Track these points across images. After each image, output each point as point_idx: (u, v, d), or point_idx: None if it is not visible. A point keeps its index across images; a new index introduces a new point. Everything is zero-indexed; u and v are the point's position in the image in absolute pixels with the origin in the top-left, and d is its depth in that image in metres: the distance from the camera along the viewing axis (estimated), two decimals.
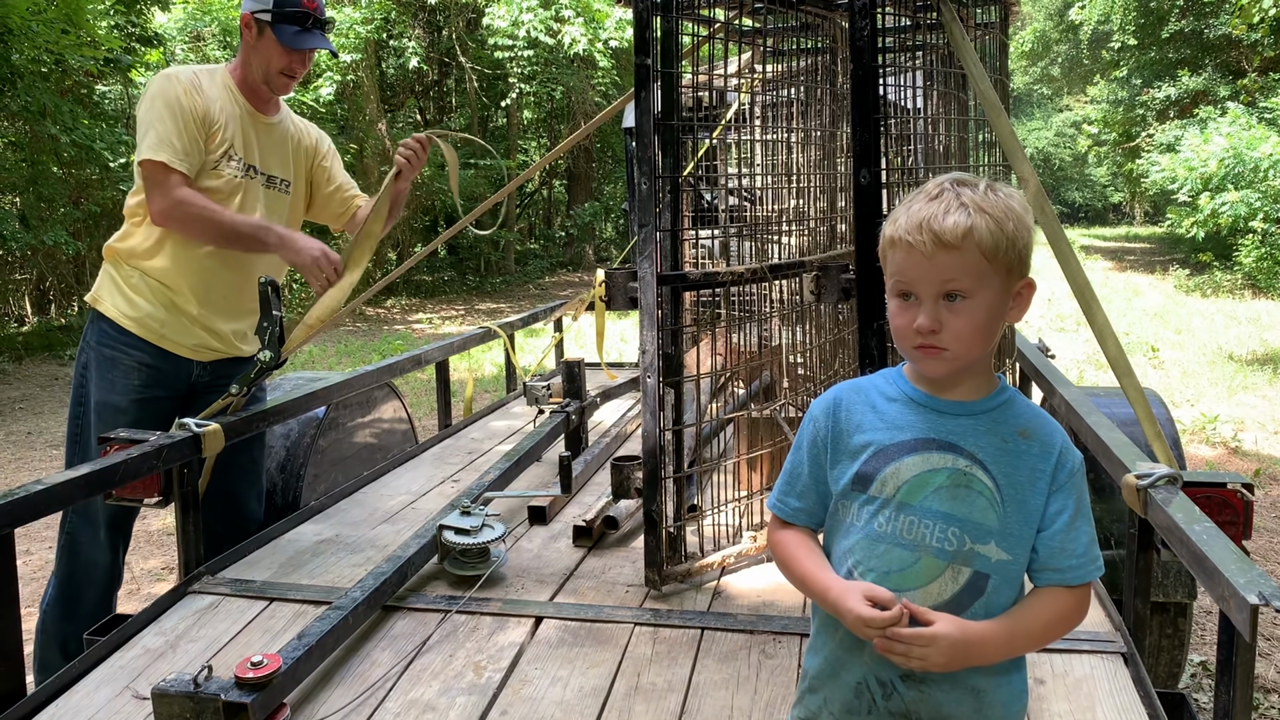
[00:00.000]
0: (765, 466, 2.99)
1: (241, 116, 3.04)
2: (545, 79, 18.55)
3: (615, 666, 2.23)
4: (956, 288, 1.32)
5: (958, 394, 1.40)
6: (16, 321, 13.55)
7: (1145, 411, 2.26)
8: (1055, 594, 1.38)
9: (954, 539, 1.35)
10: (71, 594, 3.01)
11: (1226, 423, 7.69)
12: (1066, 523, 1.36)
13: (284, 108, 3.23)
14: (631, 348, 10.95)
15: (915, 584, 1.36)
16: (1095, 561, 1.38)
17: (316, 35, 3.02)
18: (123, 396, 2.98)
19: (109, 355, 2.99)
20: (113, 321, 2.98)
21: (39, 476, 6.92)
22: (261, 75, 3.03)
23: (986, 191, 1.34)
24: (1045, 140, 40.80)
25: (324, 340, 13.05)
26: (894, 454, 1.39)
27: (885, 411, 1.42)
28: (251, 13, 2.97)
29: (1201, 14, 19.75)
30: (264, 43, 2.99)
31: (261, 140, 3.10)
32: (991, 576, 1.36)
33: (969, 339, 1.33)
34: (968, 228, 1.30)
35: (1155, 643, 3.26)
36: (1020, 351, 3.74)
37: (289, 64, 3.02)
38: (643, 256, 2.55)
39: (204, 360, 3.10)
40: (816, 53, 3.19)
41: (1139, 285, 17.79)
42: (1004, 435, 1.38)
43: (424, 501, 3.46)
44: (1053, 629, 1.39)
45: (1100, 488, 3.15)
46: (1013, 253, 1.32)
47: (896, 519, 1.38)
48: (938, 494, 1.36)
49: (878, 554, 1.39)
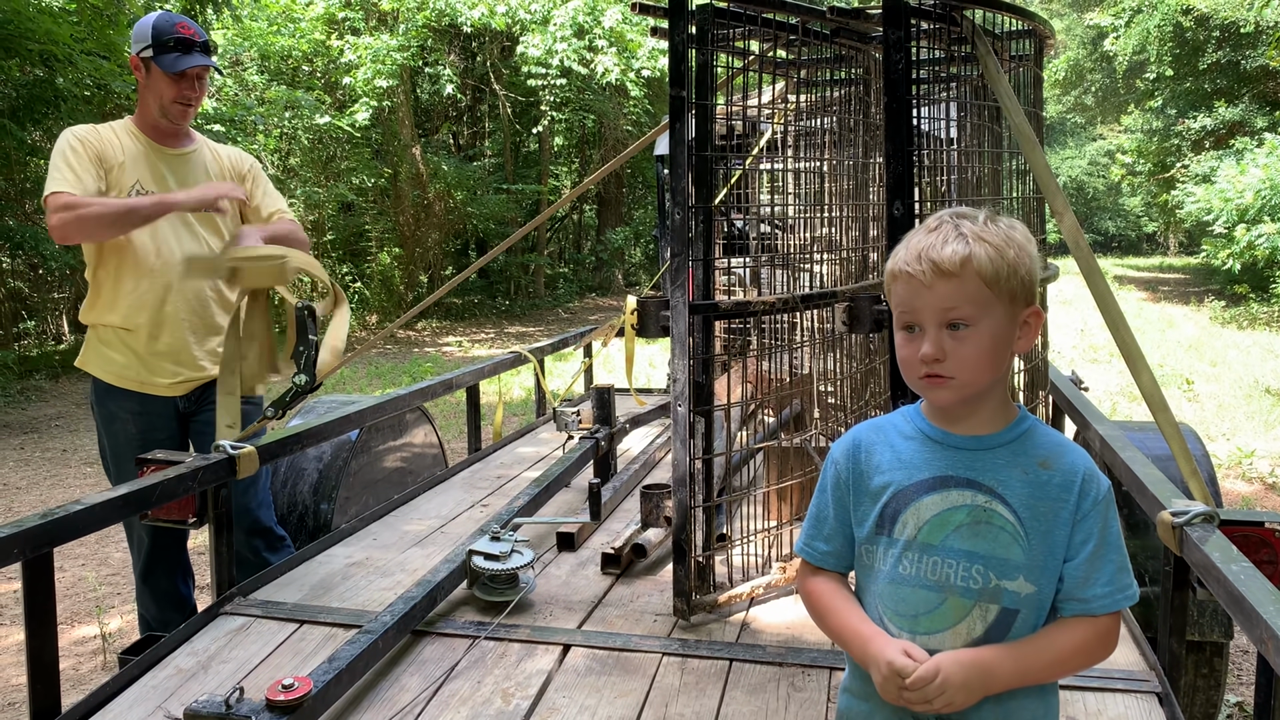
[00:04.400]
0: (795, 496, 2.98)
1: (147, 154, 3.17)
2: (578, 106, 18.71)
3: (643, 697, 2.22)
4: (958, 316, 1.32)
5: (974, 428, 1.39)
6: (54, 340, 13.76)
7: (1181, 447, 2.24)
8: (1078, 623, 1.36)
9: (979, 577, 1.34)
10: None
11: (1263, 458, 7.57)
12: (1091, 552, 1.34)
13: (197, 138, 3.35)
14: (659, 373, 10.95)
15: (943, 625, 1.36)
16: (1125, 590, 1.35)
17: (196, 55, 3.10)
18: (125, 446, 3.21)
19: (107, 412, 3.25)
20: (98, 380, 3.24)
21: (74, 493, 7.03)
22: (158, 110, 3.15)
23: (985, 222, 1.34)
24: (1079, 169, 40.55)
25: (355, 363, 13.16)
26: (913, 494, 1.39)
27: (902, 451, 1.42)
28: (137, 54, 3.11)
29: (1239, 45, 19.61)
30: (153, 78, 3.11)
31: (174, 170, 3.22)
32: (1020, 611, 1.35)
33: (974, 366, 1.33)
34: (966, 255, 1.31)
35: (1190, 682, 3.20)
36: (1053, 384, 3.71)
37: (179, 92, 3.12)
38: (675, 286, 2.56)
39: (183, 394, 3.27)
40: (850, 83, 3.21)
41: (1173, 317, 17.59)
42: (1024, 467, 1.36)
43: (453, 525, 3.47)
44: (1073, 659, 1.36)
45: (1135, 524, 3.12)
46: (1014, 280, 1.32)
47: (920, 561, 1.37)
48: (959, 532, 1.35)
49: (903, 597, 1.38)
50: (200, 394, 3.30)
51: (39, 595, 2.14)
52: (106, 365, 3.21)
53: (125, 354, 3.19)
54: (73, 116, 10.62)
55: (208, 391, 3.28)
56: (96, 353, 3.24)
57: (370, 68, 15.89)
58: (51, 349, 13.09)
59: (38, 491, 7.15)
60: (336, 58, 16.43)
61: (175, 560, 3.30)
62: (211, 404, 3.23)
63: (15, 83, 10.38)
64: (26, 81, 10.47)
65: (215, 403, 3.15)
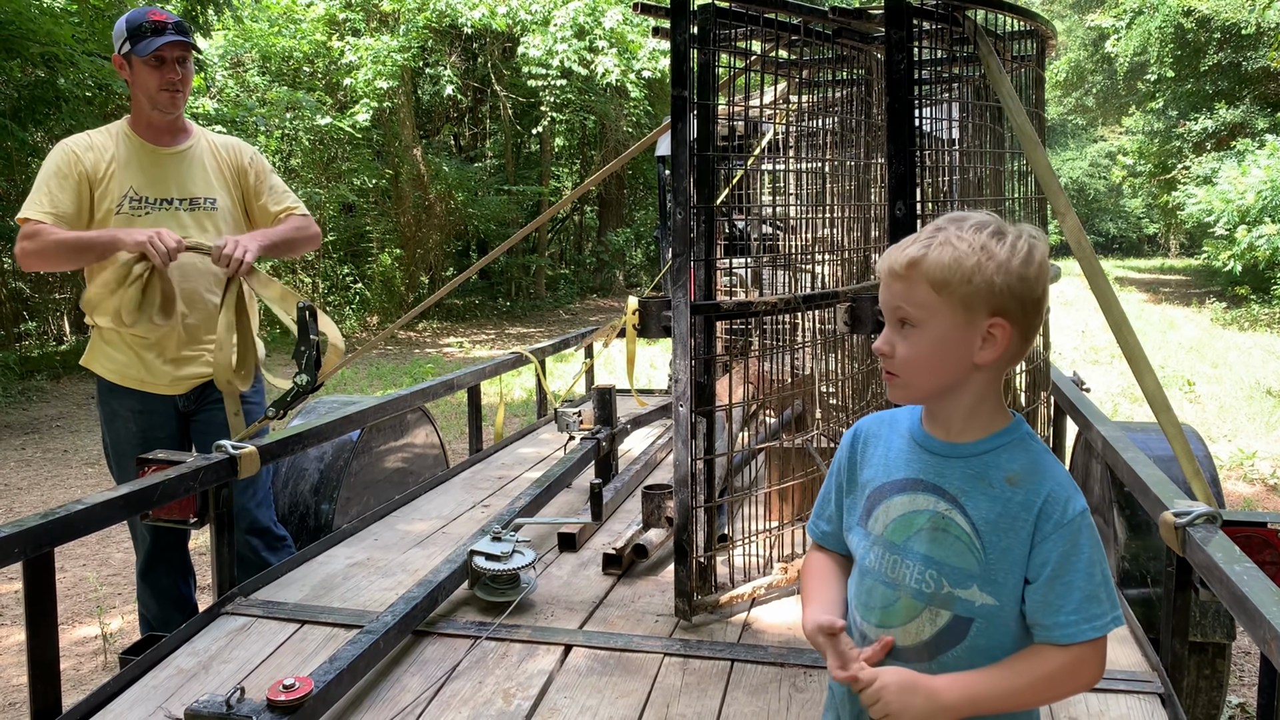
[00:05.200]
0: (796, 497, 2.98)
1: (140, 157, 3.17)
2: (579, 107, 18.71)
3: (644, 697, 2.22)
4: (904, 315, 1.35)
5: (953, 434, 1.39)
6: (55, 340, 13.76)
7: (1183, 448, 2.24)
8: (1044, 652, 1.32)
9: (931, 581, 1.35)
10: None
11: (1265, 459, 7.56)
12: (1050, 576, 1.30)
13: (195, 132, 3.32)
14: (660, 374, 10.95)
15: (896, 622, 1.38)
16: (1094, 620, 1.29)
17: (170, 33, 3.08)
18: (127, 444, 3.23)
19: (110, 410, 3.27)
20: (101, 378, 3.27)
21: (75, 493, 7.03)
22: (148, 103, 3.14)
23: (971, 229, 1.32)
24: (1079, 170, 40.55)
25: (356, 363, 13.16)
26: (887, 492, 1.42)
27: (892, 447, 1.45)
28: (119, 53, 3.12)
29: (1240, 47, 19.60)
30: (136, 72, 3.11)
31: (170, 169, 3.21)
32: (975, 621, 1.34)
33: (914, 368, 1.35)
34: (916, 258, 1.32)
35: (1193, 683, 3.20)
36: (1055, 385, 3.71)
37: (161, 77, 3.10)
38: (676, 286, 2.56)
39: (183, 392, 3.27)
40: (851, 84, 3.20)
41: (1174, 318, 17.58)
42: (991, 480, 1.35)
43: (455, 526, 3.47)
44: (1039, 689, 1.32)
45: (1137, 525, 3.11)
46: (967, 287, 1.29)
47: (884, 557, 1.40)
48: (919, 536, 1.37)
49: (867, 588, 1.43)
50: (200, 393, 3.31)
51: (39, 595, 2.14)
52: (108, 364, 3.23)
53: (126, 353, 3.20)
54: (74, 117, 10.63)
55: (207, 390, 3.29)
56: (99, 351, 3.26)
57: (371, 69, 15.89)
58: (53, 350, 13.09)
59: (39, 492, 7.15)
60: (337, 59, 16.42)
61: (176, 560, 3.31)
62: (211, 403, 3.26)
63: (17, 83, 10.39)
64: (28, 82, 10.48)
65: (215, 402, 3.18)
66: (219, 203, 3.29)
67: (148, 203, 3.15)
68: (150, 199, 3.16)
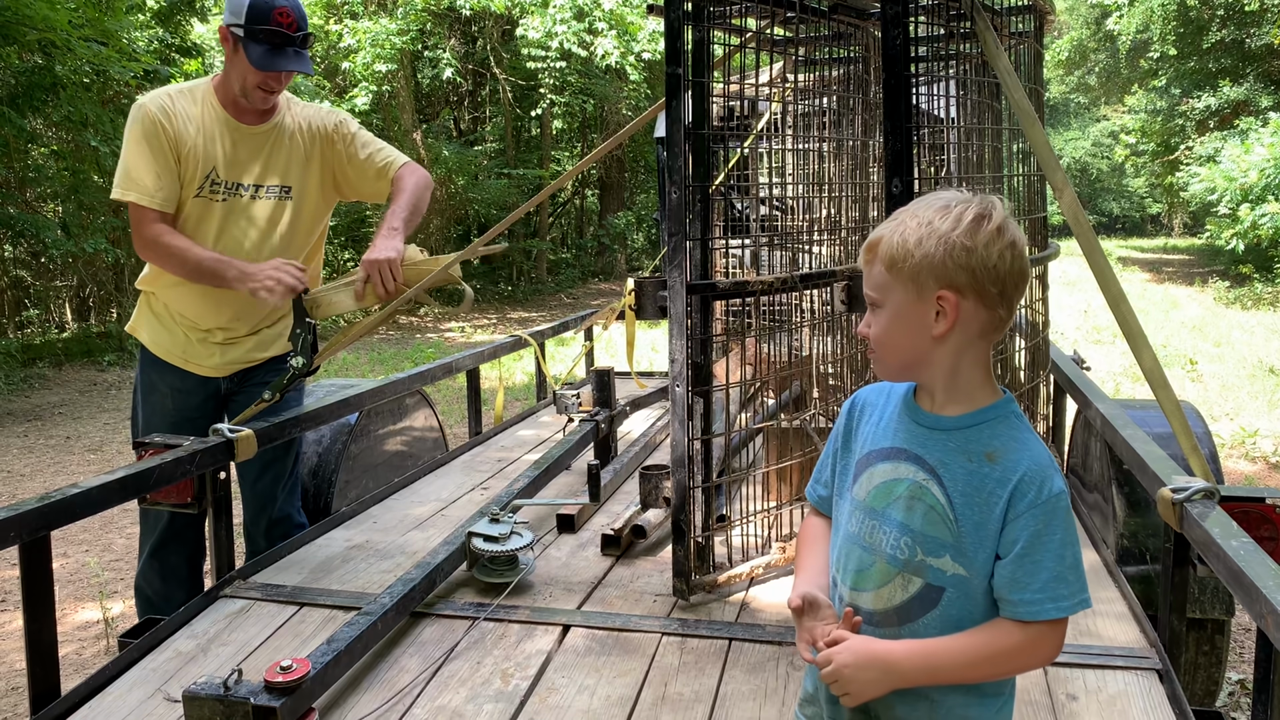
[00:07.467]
0: (794, 477, 2.98)
1: (223, 133, 2.99)
2: (578, 89, 18.63)
3: (642, 676, 2.22)
4: (869, 296, 1.41)
5: (939, 408, 1.41)
6: (57, 328, 13.76)
7: (1182, 425, 2.23)
8: (1003, 627, 1.34)
9: (905, 548, 1.38)
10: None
11: (1267, 437, 7.55)
12: (1019, 553, 1.31)
13: (280, 106, 3.09)
14: (662, 357, 10.94)
15: (870, 586, 1.42)
16: (1060, 601, 1.30)
17: (289, 56, 2.88)
18: (162, 419, 3.13)
19: (149, 381, 3.17)
20: (146, 349, 3.18)
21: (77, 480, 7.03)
22: (239, 88, 2.95)
23: (925, 206, 1.35)
24: (1082, 150, 40.38)
25: (356, 348, 13.16)
26: (874, 459, 1.45)
27: (885, 416, 1.48)
28: (227, 25, 2.88)
29: (1243, 24, 19.48)
30: (238, 59, 2.89)
31: (250, 152, 3.03)
32: (947, 590, 1.36)
33: (882, 344, 1.40)
34: (874, 241, 1.39)
35: (1192, 660, 3.20)
36: (1054, 363, 3.70)
37: (262, 79, 2.91)
38: (672, 265, 2.55)
39: (227, 374, 3.19)
40: (849, 62, 3.18)
41: (1177, 297, 17.54)
42: (970, 454, 1.36)
43: (454, 508, 3.47)
44: (994, 662, 1.34)
45: (1136, 502, 3.11)
46: (910, 262, 1.33)
47: (864, 522, 1.43)
48: (897, 503, 1.40)
49: (847, 551, 1.46)
50: (244, 375, 3.20)
51: (37, 579, 2.14)
52: (155, 337, 3.13)
53: (174, 331, 3.11)
54: (72, 104, 10.60)
55: (252, 374, 3.20)
56: (147, 321, 3.15)
57: (369, 52, 15.83)
58: (54, 337, 13.08)
59: (41, 479, 7.16)
60: (336, 42, 16.36)
61: (192, 539, 3.18)
62: (255, 384, 3.17)
63: (14, 70, 10.35)
64: (25, 69, 10.45)
65: (259, 383, 3.13)
66: (294, 191, 3.11)
67: (226, 187, 2.99)
68: (229, 183, 2.99)
